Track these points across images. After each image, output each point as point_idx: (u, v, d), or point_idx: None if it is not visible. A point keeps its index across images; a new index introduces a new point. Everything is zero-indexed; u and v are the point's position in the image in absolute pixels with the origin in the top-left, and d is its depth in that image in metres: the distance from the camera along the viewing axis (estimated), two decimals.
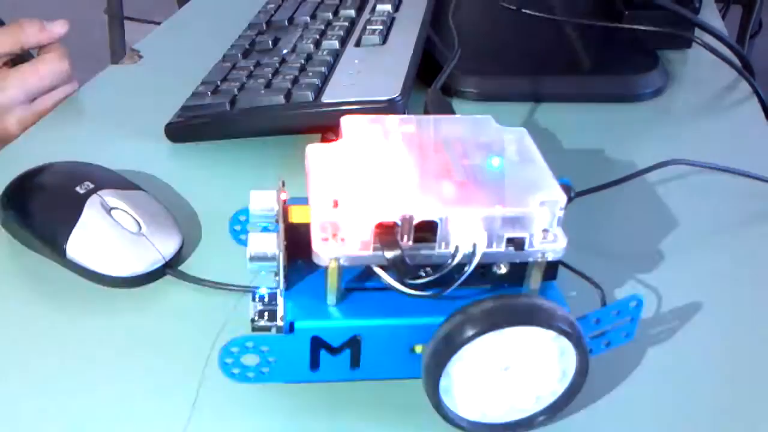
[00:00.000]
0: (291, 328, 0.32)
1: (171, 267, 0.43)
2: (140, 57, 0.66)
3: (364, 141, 0.36)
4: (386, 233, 0.31)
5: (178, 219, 0.45)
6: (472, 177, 0.33)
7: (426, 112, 0.44)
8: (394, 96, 0.50)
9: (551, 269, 0.34)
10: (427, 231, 0.31)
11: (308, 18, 0.65)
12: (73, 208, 0.42)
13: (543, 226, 0.32)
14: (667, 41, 0.69)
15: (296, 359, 0.33)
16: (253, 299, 0.37)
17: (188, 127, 0.54)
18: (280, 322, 0.35)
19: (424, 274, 0.32)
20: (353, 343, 0.33)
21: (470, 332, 0.30)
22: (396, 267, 0.31)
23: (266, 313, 0.36)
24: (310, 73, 0.54)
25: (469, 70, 0.61)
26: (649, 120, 0.60)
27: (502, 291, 0.33)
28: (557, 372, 0.32)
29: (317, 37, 0.60)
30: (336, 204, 0.32)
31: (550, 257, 0.32)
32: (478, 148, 0.35)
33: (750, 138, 0.58)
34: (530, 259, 0.32)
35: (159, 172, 0.51)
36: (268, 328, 0.36)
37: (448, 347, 0.31)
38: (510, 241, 0.32)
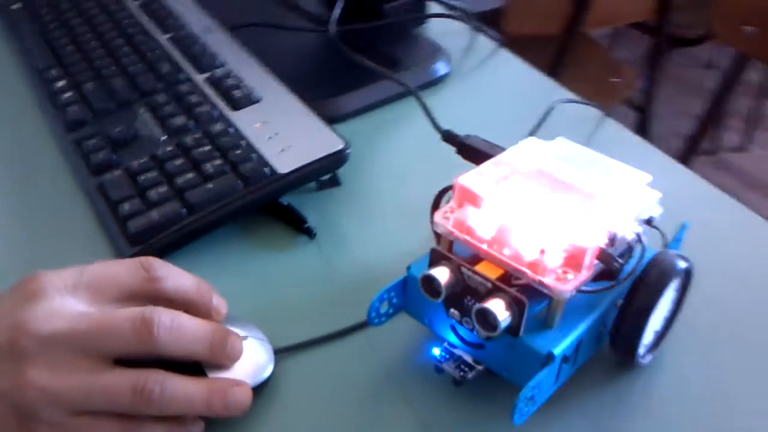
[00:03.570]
0: (548, 359, 0.38)
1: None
2: None
3: (504, 191, 0.41)
4: (603, 253, 0.39)
5: None
6: (591, 191, 0.42)
7: (462, 149, 0.50)
8: (343, 146, 0.54)
9: None
10: None
11: (139, 98, 0.62)
12: None
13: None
14: (412, 21, 0.79)
15: (548, 382, 0.39)
16: (442, 361, 0.42)
17: (154, 250, 0.50)
18: (479, 366, 0.41)
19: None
20: (578, 347, 0.40)
21: (663, 285, 0.40)
22: (614, 274, 0.39)
23: (461, 366, 0.41)
24: (238, 151, 0.54)
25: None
26: (452, 99, 0.70)
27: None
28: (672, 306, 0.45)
29: (186, 112, 0.59)
30: (554, 251, 0.38)
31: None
32: (567, 163, 0.44)
33: (524, 83, 0.73)
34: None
35: None
36: (470, 378, 0.41)
37: (650, 299, 0.40)
38: (645, 221, 0.42)
